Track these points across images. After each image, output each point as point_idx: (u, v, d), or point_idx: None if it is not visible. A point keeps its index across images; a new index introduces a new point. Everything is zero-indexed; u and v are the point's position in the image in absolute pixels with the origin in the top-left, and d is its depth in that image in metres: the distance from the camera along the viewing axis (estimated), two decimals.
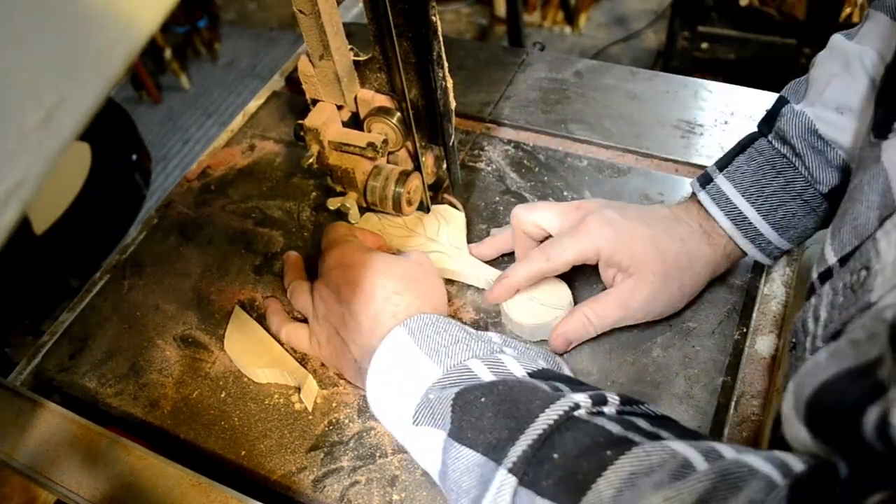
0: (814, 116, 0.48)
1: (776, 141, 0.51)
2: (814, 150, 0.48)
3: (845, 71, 0.47)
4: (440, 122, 0.53)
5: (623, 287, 0.50)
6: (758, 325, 0.53)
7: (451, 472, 0.38)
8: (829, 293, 0.38)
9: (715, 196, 0.51)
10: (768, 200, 0.50)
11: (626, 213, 0.51)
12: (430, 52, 0.48)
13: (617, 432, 0.35)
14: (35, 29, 0.15)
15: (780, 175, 0.50)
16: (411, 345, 0.43)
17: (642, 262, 0.49)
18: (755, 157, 0.51)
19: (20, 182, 0.16)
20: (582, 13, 2.26)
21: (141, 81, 2.19)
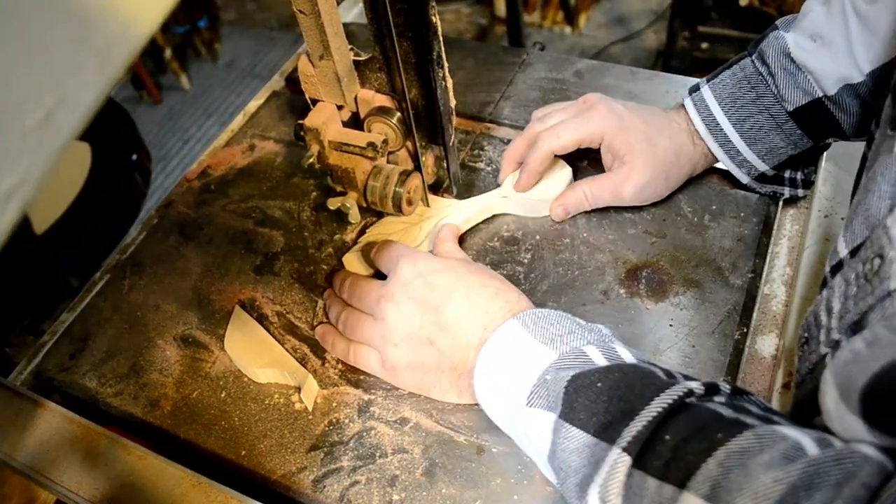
0: (791, 41, 0.53)
1: (756, 60, 0.56)
2: (785, 71, 0.54)
3: (825, 4, 0.52)
4: (440, 121, 0.53)
5: (618, 173, 0.57)
6: (758, 325, 0.53)
7: (559, 451, 0.39)
8: (842, 284, 0.38)
9: (697, 103, 0.58)
10: (739, 111, 0.56)
11: (629, 107, 0.58)
12: (430, 52, 0.48)
13: (728, 416, 0.35)
14: (35, 29, 0.15)
15: (753, 90, 0.56)
16: (526, 335, 0.44)
17: (636, 153, 0.56)
18: (737, 73, 0.57)
19: (20, 182, 0.16)
20: (582, 13, 2.26)
21: (141, 81, 2.19)
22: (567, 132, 0.57)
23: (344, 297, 0.54)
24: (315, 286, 0.59)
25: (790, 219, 0.59)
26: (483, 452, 0.47)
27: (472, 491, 0.46)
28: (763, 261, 0.57)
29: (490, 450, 0.47)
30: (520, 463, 0.47)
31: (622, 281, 0.56)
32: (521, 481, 0.46)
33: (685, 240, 0.58)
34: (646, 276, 0.56)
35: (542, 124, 0.60)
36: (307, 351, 0.54)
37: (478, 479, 0.46)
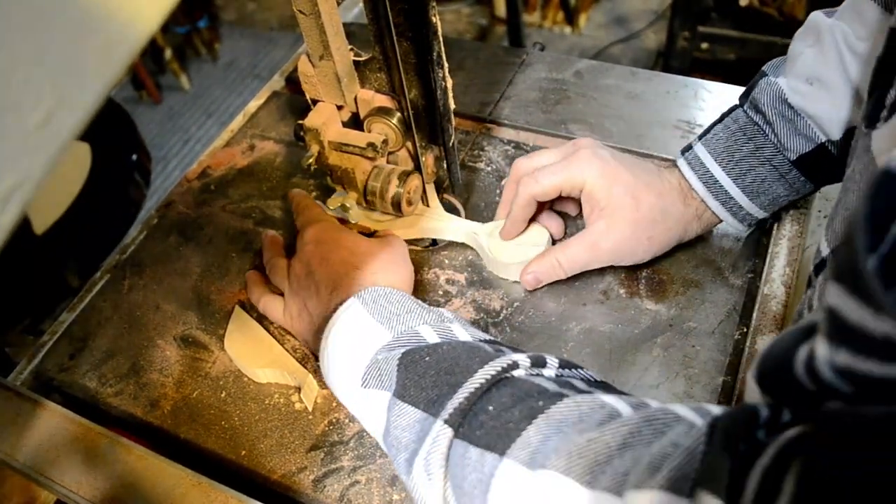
0: (785, 87, 0.51)
1: (750, 110, 0.53)
2: (783, 119, 0.51)
3: (817, 43, 0.50)
4: (440, 122, 0.53)
5: (594, 229, 0.53)
6: (758, 325, 0.53)
7: (392, 428, 0.39)
8: (823, 282, 0.39)
9: (691, 161, 0.54)
10: (738, 165, 0.53)
11: (618, 157, 0.54)
12: (430, 52, 0.48)
13: (552, 389, 0.36)
14: (35, 29, 0.15)
15: (750, 141, 0.53)
16: (364, 313, 0.45)
17: (617, 206, 0.52)
18: (730, 126, 0.54)
19: (20, 182, 0.16)
20: (582, 13, 2.26)
21: (141, 81, 2.19)
22: (547, 177, 0.53)
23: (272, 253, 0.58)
24: None
25: (790, 219, 0.59)
26: None
27: None
28: (763, 261, 0.57)
29: None
30: None
31: (622, 281, 0.56)
32: None
33: None
34: (646, 276, 0.56)
35: (527, 162, 0.57)
36: (307, 351, 0.54)
37: None
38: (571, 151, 0.55)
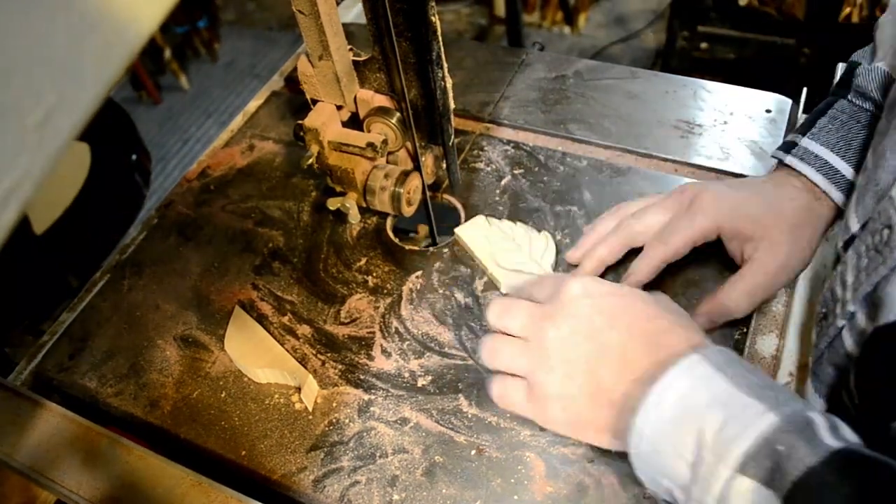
0: (890, 69, 0.49)
1: (856, 98, 0.51)
2: None
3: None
4: (440, 122, 0.53)
5: (758, 257, 0.49)
6: (758, 325, 0.53)
7: None
8: (854, 257, 0.38)
9: (804, 156, 0.51)
10: (858, 153, 0.50)
11: (733, 185, 0.51)
12: (430, 52, 0.48)
13: None
14: (35, 29, 0.15)
15: (865, 128, 0.50)
16: (720, 380, 0.36)
17: (766, 226, 0.49)
18: (838, 116, 0.51)
19: (20, 182, 0.16)
20: (581, 13, 2.27)
21: (141, 81, 2.19)
22: (678, 237, 0.49)
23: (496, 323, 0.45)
24: (315, 286, 0.59)
25: None
26: (483, 452, 0.47)
27: (472, 491, 0.46)
28: None
29: (490, 450, 0.47)
30: (520, 463, 0.47)
31: (622, 281, 0.56)
32: (522, 481, 0.46)
33: None
34: None
35: (640, 223, 0.52)
36: (307, 351, 0.54)
37: (478, 479, 0.46)
38: (687, 201, 0.51)
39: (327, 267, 0.60)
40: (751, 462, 0.33)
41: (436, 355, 0.53)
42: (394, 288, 0.58)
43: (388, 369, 0.52)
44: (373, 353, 0.54)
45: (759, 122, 0.66)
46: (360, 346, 0.54)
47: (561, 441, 0.47)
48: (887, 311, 0.34)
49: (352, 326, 0.56)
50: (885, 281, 0.35)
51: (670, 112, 0.69)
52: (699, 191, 0.51)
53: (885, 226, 0.35)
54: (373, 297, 0.57)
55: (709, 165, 0.63)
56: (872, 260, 0.36)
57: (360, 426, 0.50)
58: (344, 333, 0.55)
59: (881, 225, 0.36)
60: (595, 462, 0.46)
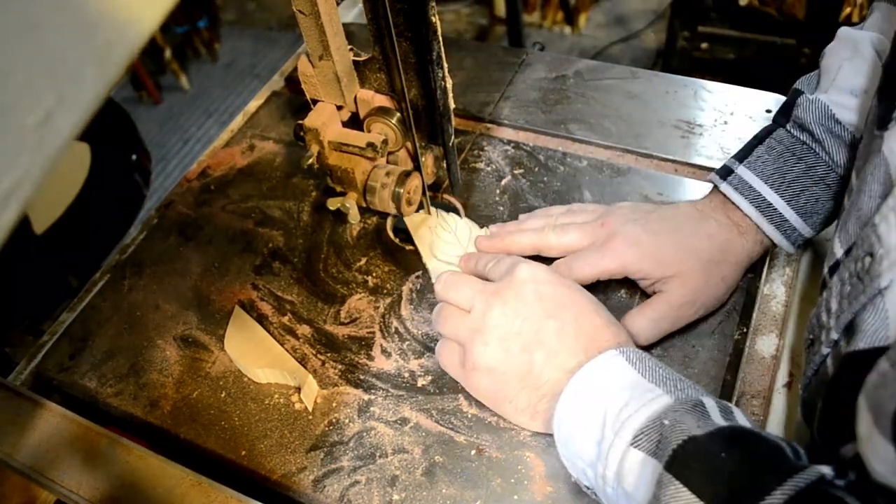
0: (829, 102, 0.50)
1: (794, 129, 0.52)
2: (832, 135, 0.50)
3: (855, 55, 0.49)
4: (440, 122, 0.53)
5: (667, 289, 0.50)
6: (758, 325, 0.53)
7: None
8: (838, 284, 0.38)
9: (738, 186, 0.52)
10: (791, 186, 0.51)
11: (650, 227, 0.52)
12: (430, 52, 0.48)
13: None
14: (34, 29, 0.15)
15: (801, 161, 0.51)
16: (632, 371, 0.41)
17: (675, 264, 0.50)
18: (775, 147, 0.52)
19: (20, 182, 0.16)
20: (582, 13, 2.27)
21: (141, 81, 2.19)
22: (583, 270, 0.52)
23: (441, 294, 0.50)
24: (315, 286, 0.59)
25: None
26: (483, 452, 0.47)
27: (472, 491, 0.46)
28: (763, 261, 0.56)
29: (490, 450, 0.47)
30: (520, 463, 0.47)
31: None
32: (521, 481, 0.46)
33: None
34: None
35: (558, 238, 0.54)
36: (307, 351, 0.54)
37: (478, 479, 0.46)
38: (603, 236, 0.52)
39: (327, 267, 0.60)
40: (642, 436, 0.37)
41: None
42: (394, 288, 0.58)
43: (388, 369, 0.52)
44: (373, 353, 0.54)
45: (759, 122, 0.66)
46: (360, 346, 0.54)
47: None
48: (861, 337, 0.35)
49: (352, 326, 0.56)
50: (863, 309, 0.35)
51: (671, 112, 0.69)
52: (615, 231, 0.52)
53: (867, 253, 0.35)
54: (373, 297, 0.57)
55: (709, 165, 0.63)
56: (854, 287, 0.36)
57: (359, 426, 0.50)
58: (344, 333, 0.55)
59: (863, 252, 0.36)
60: None
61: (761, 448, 0.35)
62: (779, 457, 0.35)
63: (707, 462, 0.35)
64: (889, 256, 0.33)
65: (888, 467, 0.30)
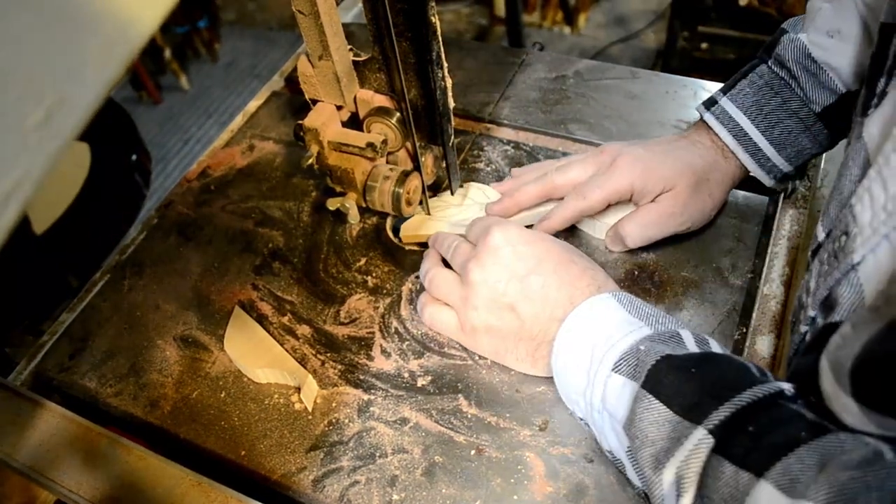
0: (808, 42, 0.53)
1: (775, 65, 0.55)
2: (807, 73, 0.53)
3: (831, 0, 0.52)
4: (440, 122, 0.53)
5: (661, 199, 0.55)
6: (758, 325, 0.53)
7: (637, 420, 0.39)
8: (818, 265, 0.40)
9: (719, 116, 0.56)
10: (767, 118, 0.55)
11: (649, 148, 0.56)
12: (430, 52, 0.48)
13: (812, 419, 0.35)
14: (35, 29, 0.15)
15: (777, 95, 0.55)
16: (619, 308, 0.44)
17: (673, 178, 0.54)
18: (756, 81, 0.56)
19: (20, 182, 0.16)
20: (581, 13, 2.27)
21: (141, 81, 2.19)
22: (594, 192, 0.54)
23: (442, 254, 0.54)
24: (314, 286, 0.59)
25: (790, 219, 0.59)
26: (483, 452, 0.47)
27: (472, 491, 0.46)
28: (763, 261, 0.57)
29: (490, 450, 0.47)
30: (520, 463, 0.47)
31: (622, 281, 0.56)
32: (521, 481, 0.46)
33: (685, 240, 0.58)
34: (646, 277, 0.56)
35: (562, 176, 0.57)
36: (307, 351, 0.54)
37: (478, 479, 0.46)
38: (607, 161, 0.55)
39: (327, 267, 0.60)
40: (622, 363, 0.41)
41: (435, 355, 0.53)
42: (393, 288, 0.58)
43: (387, 369, 0.53)
44: (372, 353, 0.54)
45: None
46: (359, 347, 0.54)
47: (561, 441, 0.47)
48: (836, 311, 0.37)
49: (351, 326, 0.56)
50: (838, 284, 0.37)
51: (670, 112, 0.69)
52: (618, 152, 0.55)
53: (843, 232, 0.37)
54: (373, 297, 0.57)
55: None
56: (830, 265, 0.38)
57: (359, 426, 0.50)
58: (344, 333, 0.55)
59: (840, 232, 0.38)
60: (595, 462, 0.46)
61: (728, 365, 0.39)
62: (744, 372, 0.38)
63: (677, 377, 0.38)
64: (863, 233, 0.35)
65: (856, 419, 0.33)
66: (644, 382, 0.39)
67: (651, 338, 0.42)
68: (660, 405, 0.38)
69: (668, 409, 0.38)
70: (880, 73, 0.40)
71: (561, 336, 0.45)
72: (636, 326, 0.43)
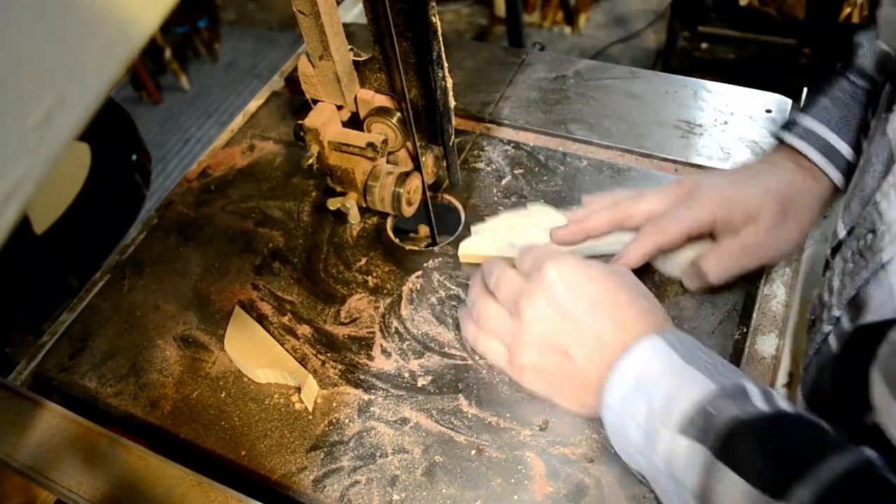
0: (890, 49, 0.49)
1: (855, 77, 0.52)
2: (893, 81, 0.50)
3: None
4: (440, 122, 0.53)
5: (744, 232, 0.50)
6: (758, 325, 0.53)
7: (713, 494, 0.35)
8: (840, 263, 0.39)
9: (803, 134, 0.52)
10: (856, 132, 0.51)
11: (729, 177, 0.52)
12: (430, 52, 0.48)
13: None
14: (35, 29, 0.15)
15: (863, 107, 0.51)
16: (675, 356, 0.41)
17: (757, 207, 0.50)
18: (838, 95, 0.52)
19: (20, 182, 0.16)
20: (582, 13, 2.27)
21: (141, 81, 2.19)
22: (675, 225, 0.50)
23: (488, 284, 0.50)
24: (315, 286, 0.59)
25: None
26: (483, 452, 0.47)
27: (472, 491, 0.46)
28: None
29: (490, 450, 0.47)
30: (520, 463, 0.47)
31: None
32: (522, 481, 0.46)
33: None
34: (646, 277, 0.56)
35: (636, 206, 0.53)
36: (307, 351, 0.54)
37: (478, 479, 0.46)
38: (685, 192, 0.52)
39: (327, 267, 0.60)
40: (688, 423, 0.37)
41: (436, 355, 0.53)
42: (394, 288, 0.58)
43: (388, 369, 0.52)
44: (373, 353, 0.54)
45: (759, 123, 0.66)
46: (360, 346, 0.54)
47: (561, 441, 0.47)
48: (867, 311, 0.35)
49: (352, 326, 0.56)
50: (867, 284, 0.35)
51: (670, 112, 0.69)
52: (698, 183, 0.52)
53: (868, 230, 0.36)
54: (373, 297, 0.57)
55: (709, 165, 0.63)
56: (857, 264, 0.37)
57: (360, 426, 0.50)
58: (344, 333, 0.55)
59: (865, 230, 0.37)
60: (595, 462, 0.46)
61: (804, 428, 0.36)
62: (821, 434, 0.35)
63: (753, 445, 0.35)
64: (890, 231, 0.34)
65: None
66: (717, 450, 0.36)
67: (718, 395, 0.38)
68: (737, 478, 0.34)
69: (746, 482, 0.34)
70: None
71: (613, 386, 0.42)
72: (698, 380, 0.39)
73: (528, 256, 0.49)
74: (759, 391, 0.38)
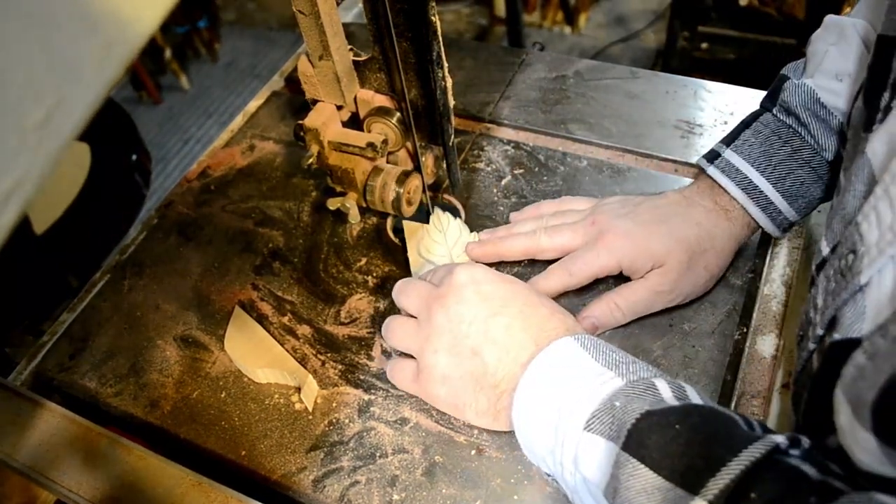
0: (815, 86, 0.50)
1: (781, 113, 0.53)
2: (817, 119, 0.50)
3: (841, 40, 0.50)
4: (440, 122, 0.53)
5: (650, 276, 0.51)
6: (758, 325, 0.53)
7: (623, 488, 0.35)
8: (824, 281, 0.39)
9: (725, 169, 0.52)
10: (777, 169, 0.51)
11: (639, 219, 0.52)
12: (430, 52, 0.48)
13: (815, 476, 0.33)
14: (35, 29, 0.15)
15: (786, 144, 0.51)
16: (585, 355, 0.41)
17: (663, 255, 0.51)
18: (761, 130, 0.53)
19: (20, 182, 0.16)
20: (582, 13, 2.27)
21: (141, 81, 2.20)
22: (581, 271, 0.52)
23: (398, 299, 0.50)
24: (315, 286, 0.59)
25: None
26: (483, 452, 0.47)
27: (472, 491, 0.46)
28: (763, 261, 0.57)
29: (490, 450, 0.47)
30: (520, 463, 0.47)
31: (622, 281, 0.56)
32: (521, 481, 0.46)
33: None
34: None
35: (550, 240, 0.55)
36: (307, 351, 0.54)
37: (478, 479, 0.46)
38: (595, 234, 0.53)
39: (327, 267, 0.60)
40: (595, 420, 0.37)
41: None
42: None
43: None
44: (373, 353, 0.54)
45: None
46: (360, 347, 0.54)
47: None
48: (839, 329, 0.36)
49: (352, 326, 0.56)
50: (845, 305, 0.35)
51: (670, 112, 0.69)
52: (606, 227, 0.53)
53: (850, 250, 0.36)
54: (373, 297, 0.57)
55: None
56: (838, 284, 0.37)
57: (360, 426, 0.50)
58: (344, 333, 0.55)
59: (847, 249, 0.37)
60: None
61: (715, 421, 0.36)
62: (732, 428, 0.35)
63: (662, 438, 0.35)
64: (869, 254, 0.34)
65: (872, 457, 0.31)
66: (625, 445, 0.36)
67: (625, 391, 0.38)
68: (647, 471, 0.34)
69: (656, 475, 0.34)
70: (883, 87, 0.38)
71: (523, 385, 0.42)
72: (607, 377, 0.39)
73: (440, 269, 0.50)
74: (669, 387, 0.38)
